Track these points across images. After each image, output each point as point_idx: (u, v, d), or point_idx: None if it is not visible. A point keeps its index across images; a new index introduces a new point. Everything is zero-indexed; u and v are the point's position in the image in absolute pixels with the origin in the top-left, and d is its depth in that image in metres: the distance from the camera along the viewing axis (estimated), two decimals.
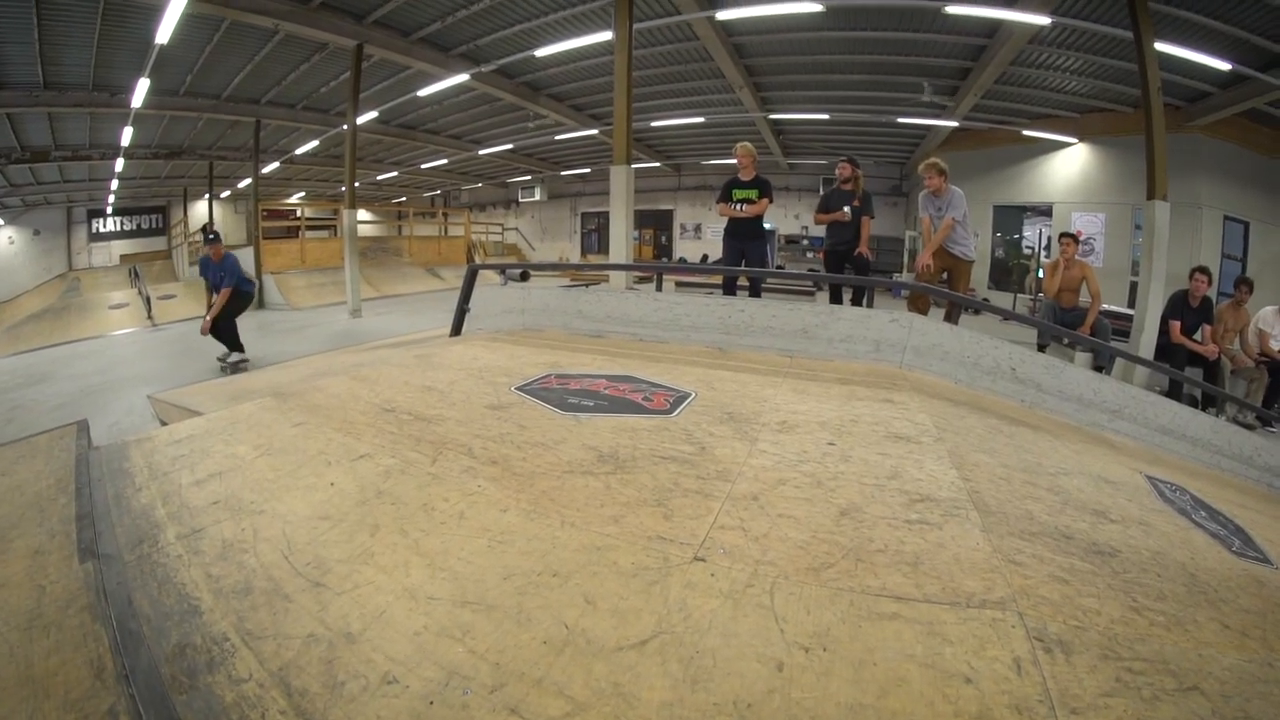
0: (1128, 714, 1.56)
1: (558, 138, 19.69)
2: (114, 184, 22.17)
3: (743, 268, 7.05)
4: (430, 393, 3.62)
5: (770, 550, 2.05)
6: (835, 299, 7.27)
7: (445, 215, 24.73)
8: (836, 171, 7.14)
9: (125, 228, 26.46)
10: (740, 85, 15.13)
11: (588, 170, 25.04)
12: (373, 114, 15.91)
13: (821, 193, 7.74)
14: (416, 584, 1.99)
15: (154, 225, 27.18)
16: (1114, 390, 4.82)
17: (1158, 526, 2.81)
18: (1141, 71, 8.34)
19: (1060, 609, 1.89)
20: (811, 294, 11.74)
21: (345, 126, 13.52)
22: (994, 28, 11.82)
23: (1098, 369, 6.60)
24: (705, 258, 22.84)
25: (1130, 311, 8.81)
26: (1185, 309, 7.28)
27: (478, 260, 21.01)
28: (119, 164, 19.21)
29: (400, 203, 30.48)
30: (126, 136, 16.45)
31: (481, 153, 21.78)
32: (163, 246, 25.99)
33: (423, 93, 14.83)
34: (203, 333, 7.88)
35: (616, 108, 9.13)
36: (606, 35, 10.80)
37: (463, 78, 13.76)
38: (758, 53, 14.23)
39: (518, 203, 29.76)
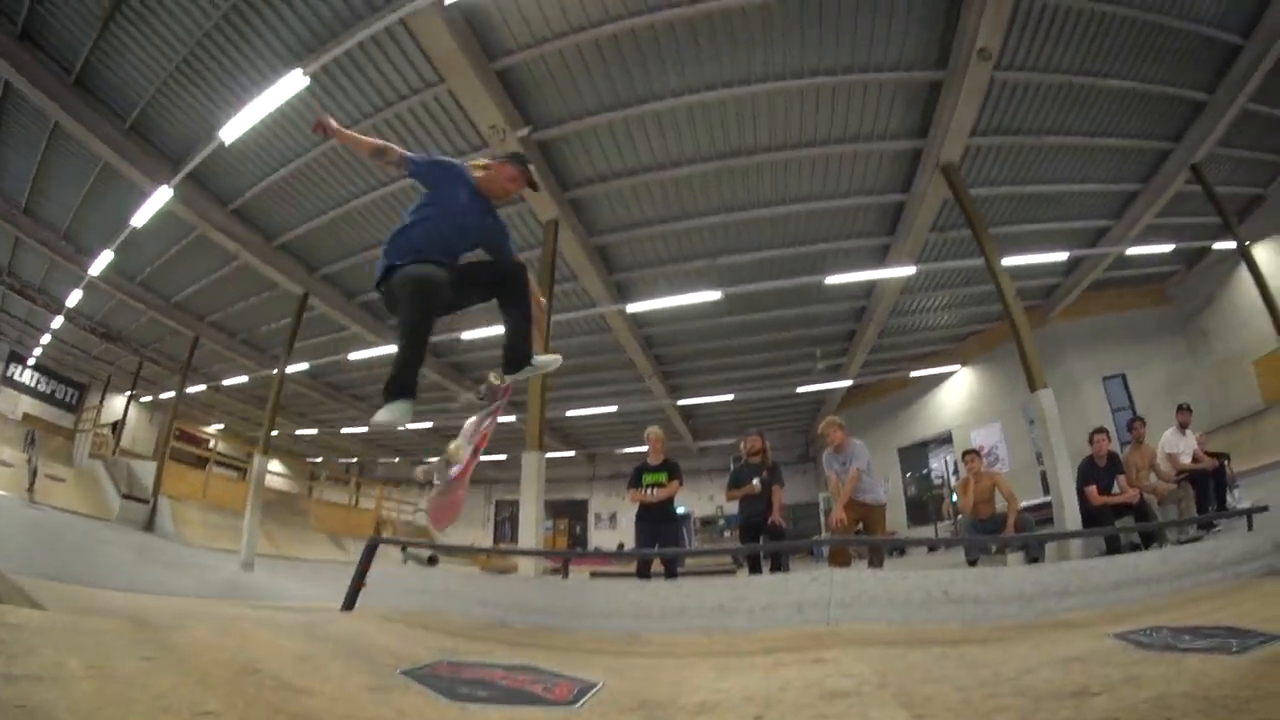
0: None
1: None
2: (45, 338, 20.95)
3: (655, 550, 6.96)
4: (305, 662, 3.08)
5: None
6: (755, 570, 7.15)
7: (358, 485, 23.31)
8: (743, 445, 7.34)
9: (40, 388, 23.64)
10: (650, 374, 16.26)
11: (504, 457, 24.76)
12: (304, 365, 15.98)
13: (731, 469, 7.93)
14: None
15: (68, 399, 24.51)
16: (1052, 574, 4.78)
17: (1147, 674, 2.61)
18: (996, 286, 9.63)
19: None
20: (732, 571, 11.58)
21: (275, 371, 13.44)
22: (870, 288, 13.82)
23: (1033, 560, 6.79)
24: (621, 546, 22.37)
25: (1049, 499, 9.10)
26: (1095, 471, 7.52)
27: (388, 533, 19.60)
28: (57, 320, 18.38)
29: (315, 462, 28.94)
30: (74, 298, 16.08)
31: (401, 428, 21.58)
32: (68, 424, 23.19)
33: (354, 356, 15.12)
34: None
35: (531, 395, 9.57)
36: None
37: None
38: (665, 342, 15.66)
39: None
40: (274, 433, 13.53)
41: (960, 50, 8.85)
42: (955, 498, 11.55)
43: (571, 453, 24.12)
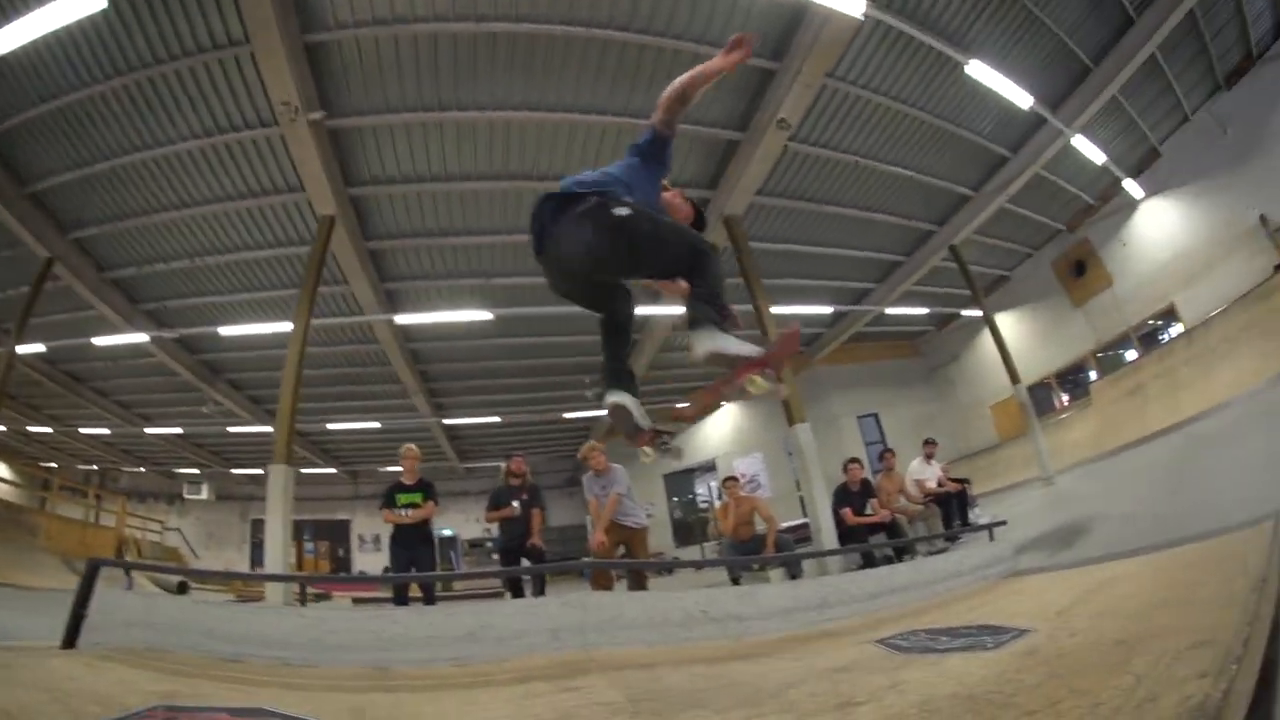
0: None
1: (231, 429, 17.82)
2: None
3: (413, 574, 6.75)
4: None
5: None
6: (516, 594, 6.83)
7: (99, 498, 19.37)
8: (509, 465, 7.15)
9: None
10: (415, 390, 15.37)
11: (260, 471, 22.25)
12: (40, 347, 13.04)
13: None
14: None
15: None
16: (811, 588, 4.87)
17: (911, 678, 2.59)
18: (762, 331, 9.99)
19: None
20: (501, 594, 11.14)
21: (2, 349, 11.07)
22: (642, 322, 13.77)
23: (794, 578, 7.10)
24: (387, 569, 21.03)
25: (807, 520, 9.62)
26: (849, 496, 8.05)
27: (130, 557, 16.34)
28: None
29: (48, 468, 23.99)
30: None
31: (149, 431, 18.88)
32: None
33: (99, 341, 12.73)
34: None
35: (282, 400, 8.58)
36: (291, 325, 10.10)
37: (143, 338, 12.39)
38: (433, 359, 14.75)
39: (182, 499, 25.00)
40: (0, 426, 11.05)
41: (762, 117, 9.33)
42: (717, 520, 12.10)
43: (333, 470, 22.17)
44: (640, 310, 11.38)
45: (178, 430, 19.04)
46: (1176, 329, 13.22)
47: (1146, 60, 10.05)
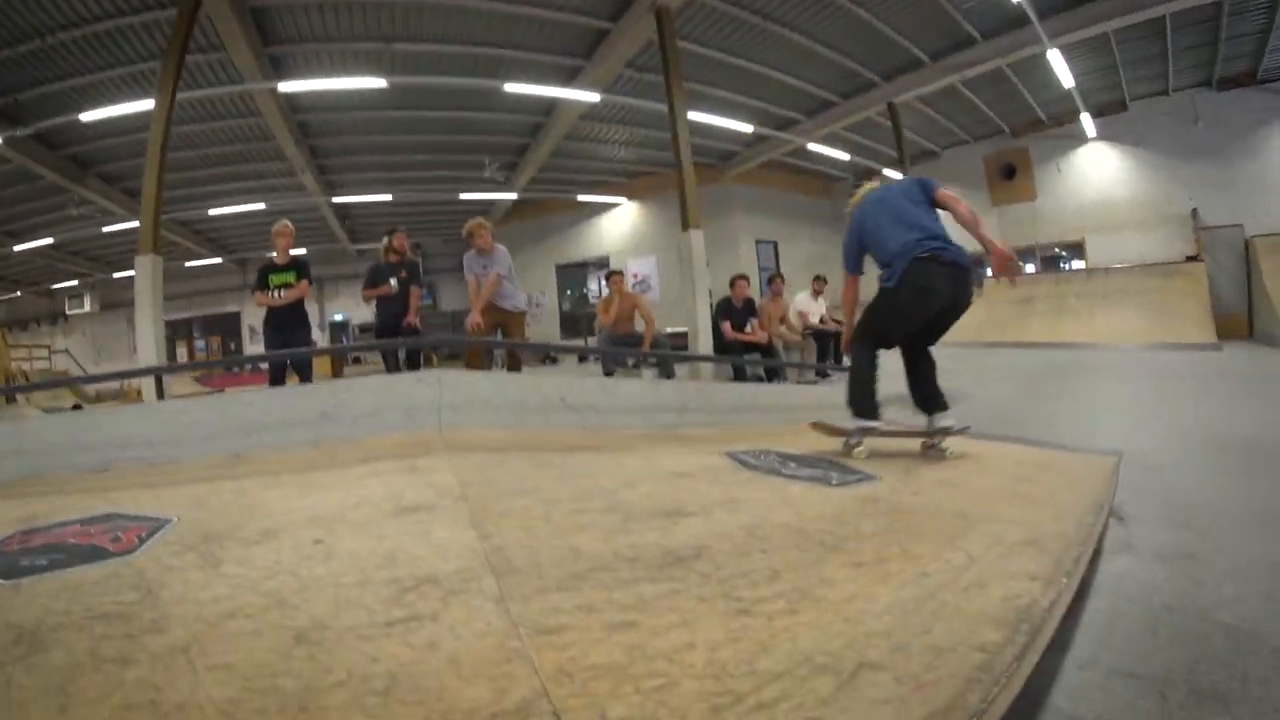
0: None
1: (107, 229, 16.15)
2: None
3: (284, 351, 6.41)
4: None
5: None
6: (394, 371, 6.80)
7: None
8: (392, 241, 6.86)
9: None
10: (303, 168, 14.16)
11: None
12: None
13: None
14: None
15: None
16: (674, 390, 4.84)
17: (747, 498, 2.59)
18: (673, 131, 9.54)
19: (627, 671, 1.33)
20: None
21: None
22: (550, 106, 12.92)
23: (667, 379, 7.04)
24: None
25: (685, 329, 9.80)
26: (732, 310, 8.06)
27: (21, 400, 15.37)
28: None
29: None
30: None
31: (18, 249, 17.16)
32: None
33: None
34: None
35: (146, 184, 7.85)
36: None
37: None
38: (321, 132, 13.51)
39: (65, 316, 23.57)
40: None
41: None
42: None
43: (219, 259, 20.79)
44: (549, 92, 10.68)
45: (49, 241, 17.11)
46: (1078, 264, 14.39)
47: (1157, 19, 9.97)
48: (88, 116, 10.51)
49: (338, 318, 21.89)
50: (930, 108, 13.81)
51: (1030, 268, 15.12)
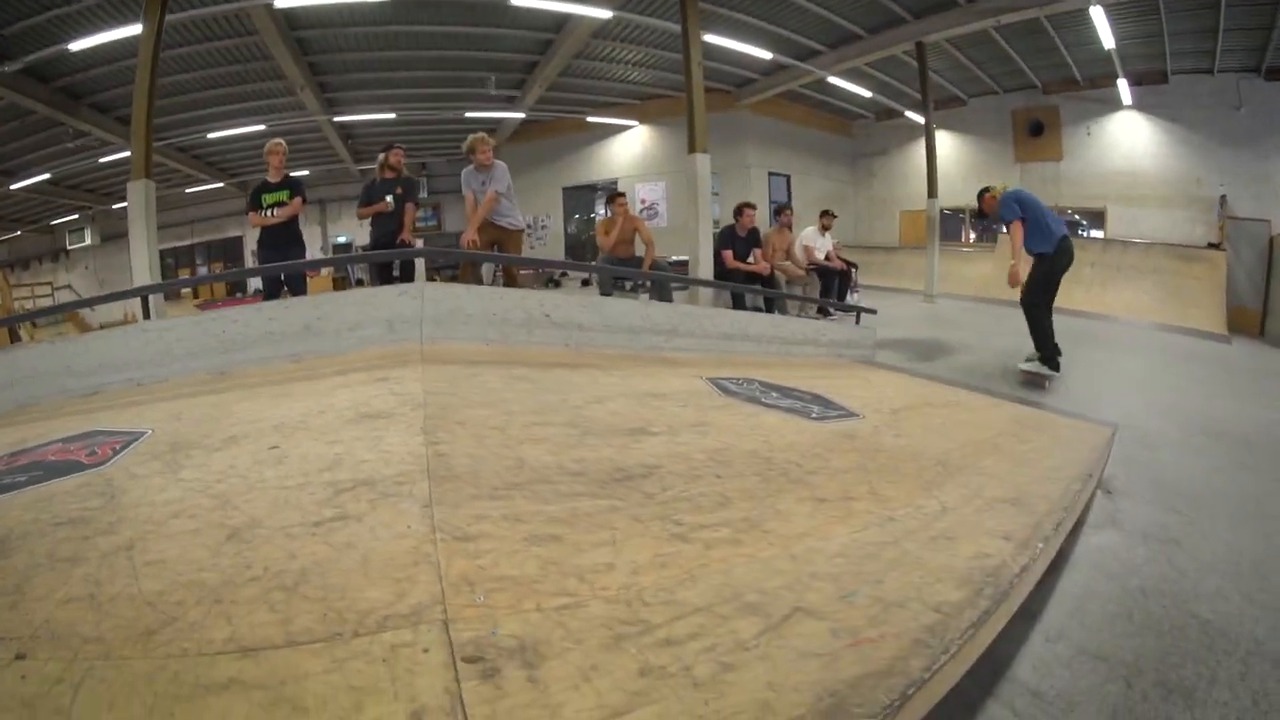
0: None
1: (104, 160, 15.84)
2: None
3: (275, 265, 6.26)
4: None
5: (111, 619, 1.40)
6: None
7: None
8: (388, 157, 6.66)
9: None
10: (303, 86, 13.66)
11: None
12: None
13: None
14: None
15: None
16: (664, 312, 4.72)
17: (719, 423, 2.53)
18: (685, 51, 8.87)
19: (533, 587, 1.28)
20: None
21: None
22: (561, 22, 12.31)
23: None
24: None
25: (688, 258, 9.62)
26: (735, 239, 7.83)
27: (26, 337, 15.40)
28: None
29: None
30: None
31: (14, 187, 16.89)
32: None
33: None
34: None
35: (135, 109, 7.49)
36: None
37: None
38: (321, 49, 12.99)
39: (67, 252, 23.55)
40: None
41: None
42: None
43: (220, 183, 20.49)
44: (558, 7, 10.15)
45: (46, 176, 16.73)
46: (1097, 233, 13.85)
47: None
48: (76, 46, 10.11)
49: (341, 239, 21.64)
50: (960, 52, 13.09)
51: None
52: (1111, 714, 1.63)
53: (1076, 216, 14.45)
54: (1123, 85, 12.96)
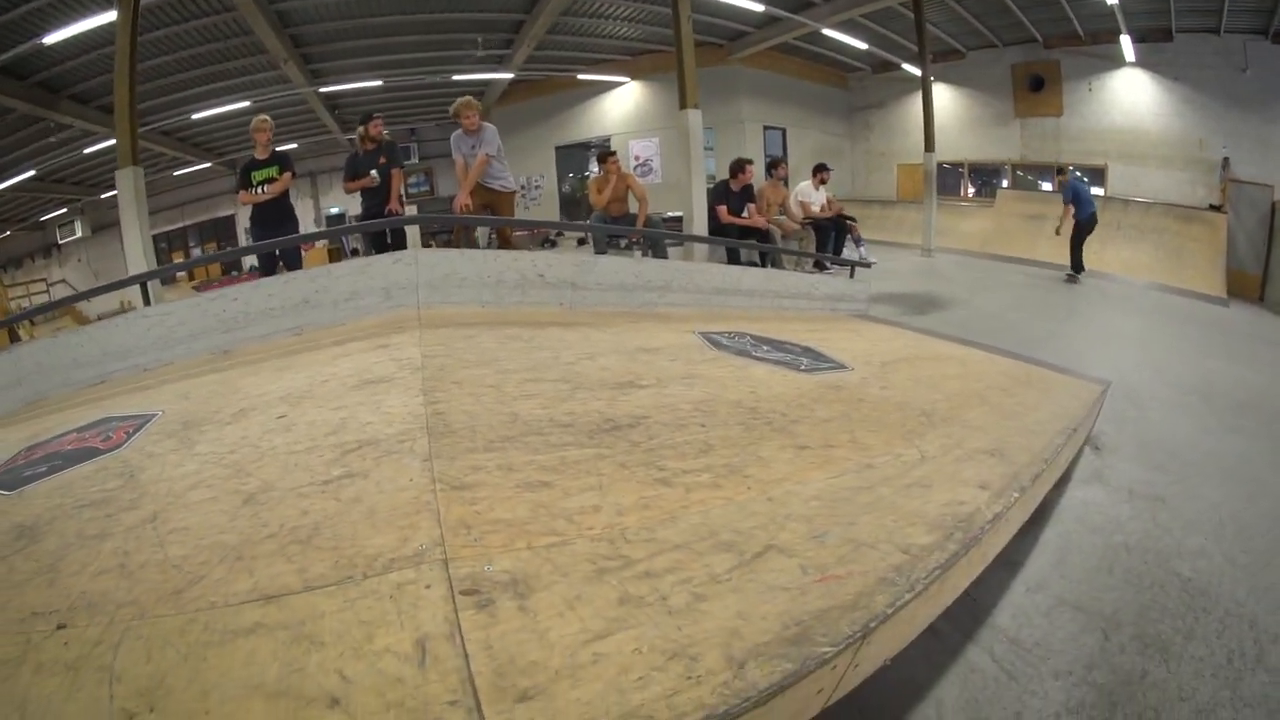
0: (646, 649, 1.09)
1: (88, 150, 15.83)
2: None
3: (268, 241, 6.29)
4: None
5: (141, 585, 1.55)
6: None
7: None
8: (369, 129, 6.58)
9: None
10: (286, 59, 13.48)
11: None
12: None
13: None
14: None
15: None
16: (656, 269, 4.75)
17: (707, 375, 2.63)
18: (674, 3, 8.77)
19: (524, 528, 1.41)
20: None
21: None
22: None
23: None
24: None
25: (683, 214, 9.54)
26: (729, 194, 7.80)
27: (25, 336, 15.44)
28: None
29: None
30: None
31: (0, 186, 17.08)
32: None
33: None
34: None
35: (118, 97, 7.47)
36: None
37: None
38: (302, 20, 12.80)
39: (59, 246, 23.57)
40: None
41: None
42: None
43: (208, 163, 20.36)
44: None
45: (31, 173, 16.69)
46: (1098, 190, 13.40)
47: None
48: (51, 39, 9.97)
49: (333, 211, 21.58)
50: (959, 4, 12.82)
51: (1047, 185, 14.41)
52: (1088, 664, 1.73)
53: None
54: (1126, 42, 12.65)
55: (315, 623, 1.22)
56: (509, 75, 15.84)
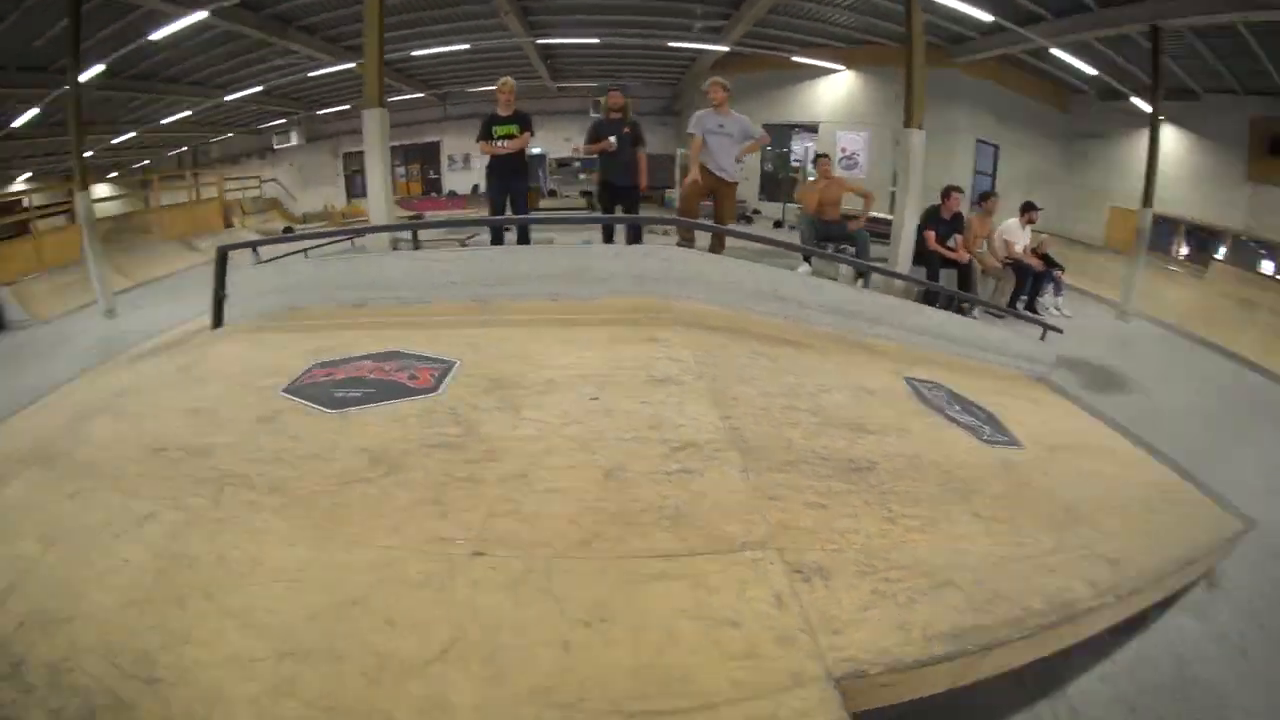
0: (885, 621, 1.81)
1: (311, 74, 17.53)
2: None
3: (509, 217, 7.09)
4: (198, 416, 2.99)
5: (543, 530, 2.05)
6: (608, 239, 7.22)
7: (195, 176, 21.09)
8: (606, 100, 7.06)
9: None
10: (506, 9, 14.35)
11: (347, 107, 22.59)
12: (99, 67, 12.91)
13: (592, 115, 7.55)
14: (237, 650, 1.78)
15: None
16: (871, 301, 5.09)
17: (915, 429, 3.08)
18: (907, 13, 8.70)
19: (817, 535, 2.08)
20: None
21: (68, 86, 10.61)
22: None
23: (859, 277, 7.30)
24: (476, 188, 21.50)
25: (890, 217, 9.19)
26: (939, 221, 7.86)
27: (237, 224, 17.86)
28: None
29: (144, 167, 26.13)
30: None
31: (229, 98, 18.92)
32: None
33: (157, 36, 12.24)
34: None
35: (367, 42, 8.18)
36: None
37: (201, 15, 11.63)
38: None
39: (273, 150, 26.19)
40: (88, 154, 10.83)
41: None
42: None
43: (420, 94, 21.92)
44: None
45: (259, 88, 18.37)
46: None
47: None
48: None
49: (535, 152, 22.75)
50: (1202, 40, 11.50)
51: (1269, 266, 12.31)
52: None
53: None
54: None
55: (704, 578, 1.83)
56: (724, 48, 15.91)
